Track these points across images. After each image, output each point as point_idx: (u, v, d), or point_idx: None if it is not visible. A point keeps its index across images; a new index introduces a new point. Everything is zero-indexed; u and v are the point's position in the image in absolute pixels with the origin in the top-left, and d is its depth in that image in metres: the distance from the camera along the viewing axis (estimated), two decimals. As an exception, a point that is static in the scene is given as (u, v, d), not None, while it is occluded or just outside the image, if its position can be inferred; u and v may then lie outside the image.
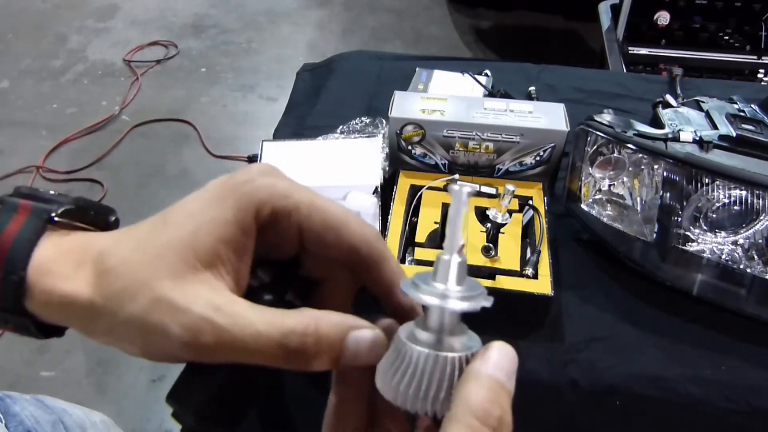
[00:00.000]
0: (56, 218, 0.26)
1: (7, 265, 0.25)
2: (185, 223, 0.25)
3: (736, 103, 0.83)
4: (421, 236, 0.76)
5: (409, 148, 0.85)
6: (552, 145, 0.82)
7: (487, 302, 0.25)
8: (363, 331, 0.25)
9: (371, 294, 0.29)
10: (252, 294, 0.27)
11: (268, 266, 0.28)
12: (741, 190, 0.69)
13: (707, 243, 0.73)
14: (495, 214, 0.75)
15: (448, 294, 0.24)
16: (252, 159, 2.08)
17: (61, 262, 0.25)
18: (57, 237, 0.26)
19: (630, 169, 0.78)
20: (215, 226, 0.25)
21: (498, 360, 0.23)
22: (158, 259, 0.24)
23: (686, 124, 0.78)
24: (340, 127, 0.99)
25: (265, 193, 0.26)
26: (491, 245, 0.73)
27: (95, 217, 0.29)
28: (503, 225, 0.75)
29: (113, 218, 0.30)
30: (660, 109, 0.86)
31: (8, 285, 0.25)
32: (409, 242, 0.77)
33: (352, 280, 0.29)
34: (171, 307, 0.24)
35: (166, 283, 0.24)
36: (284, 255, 0.28)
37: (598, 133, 0.77)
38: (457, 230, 0.25)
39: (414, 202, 0.80)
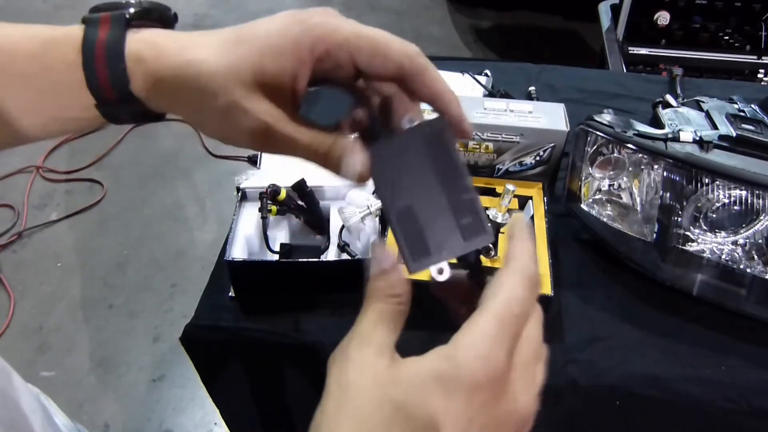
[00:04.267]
0: (131, 20, 0.33)
1: (109, 62, 0.32)
2: (255, 46, 0.32)
3: (736, 103, 0.83)
4: (421, 236, 0.76)
5: (409, 148, 0.84)
6: (552, 145, 0.82)
7: None
8: (349, 158, 0.33)
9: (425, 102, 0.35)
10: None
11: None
12: (741, 190, 0.69)
13: (707, 243, 0.73)
14: (495, 214, 0.75)
15: None
16: (252, 159, 2.08)
17: (151, 51, 0.32)
18: (139, 34, 0.33)
19: (630, 169, 0.78)
20: (278, 56, 0.31)
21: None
22: (234, 71, 0.31)
23: (686, 124, 0.78)
24: (340, 127, 0.99)
25: (318, 32, 0.31)
26: (491, 245, 0.73)
27: (160, 14, 0.35)
28: (503, 225, 0.75)
29: (172, 12, 0.36)
30: (660, 109, 0.86)
31: (116, 78, 0.32)
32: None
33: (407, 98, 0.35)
34: (244, 111, 0.31)
35: (240, 92, 0.31)
36: (344, 77, 0.34)
37: (598, 133, 0.77)
38: None
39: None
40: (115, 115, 0.34)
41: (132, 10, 0.33)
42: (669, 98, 0.93)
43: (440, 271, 0.32)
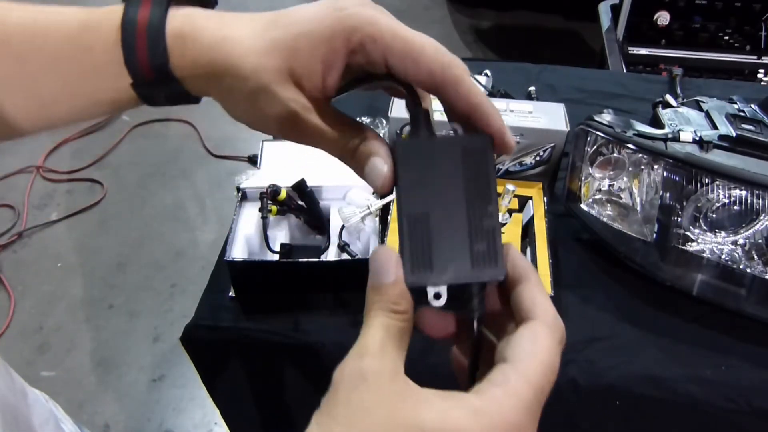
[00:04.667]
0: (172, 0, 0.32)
1: (150, 41, 0.31)
2: (290, 30, 0.31)
3: (736, 103, 0.83)
4: (421, 236, 0.76)
5: (409, 148, 0.85)
6: (552, 145, 0.82)
7: None
8: (377, 160, 0.31)
9: (456, 121, 0.33)
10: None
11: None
12: (741, 190, 0.69)
13: (707, 243, 0.73)
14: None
15: None
16: (252, 159, 2.08)
17: (190, 28, 0.31)
18: (179, 12, 0.32)
19: (630, 169, 0.78)
20: (311, 42, 0.30)
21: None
22: (267, 54, 0.30)
23: (686, 124, 0.78)
24: (340, 127, 0.99)
25: (355, 21, 0.30)
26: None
27: None
28: (503, 225, 0.76)
29: None
30: (660, 109, 0.86)
31: (155, 57, 0.31)
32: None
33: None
34: (273, 97, 0.31)
35: (271, 76, 0.30)
36: (374, 65, 0.32)
37: (598, 133, 0.77)
38: None
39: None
40: (152, 96, 0.34)
41: None
42: (669, 98, 0.94)
43: (437, 296, 0.29)
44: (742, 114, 0.79)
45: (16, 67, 0.32)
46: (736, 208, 0.70)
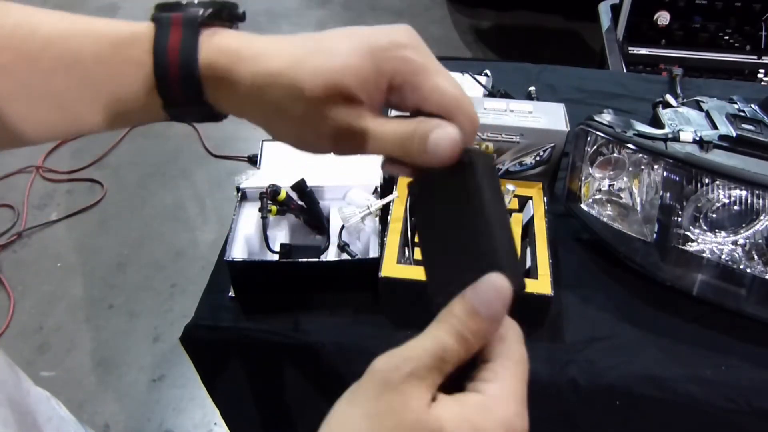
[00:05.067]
0: (203, 22, 0.32)
1: (182, 71, 0.31)
2: (335, 61, 0.31)
3: (736, 103, 0.83)
4: (421, 236, 0.76)
5: (409, 148, 0.84)
6: (552, 145, 0.82)
7: None
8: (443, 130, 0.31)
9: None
10: None
11: None
12: (741, 190, 0.69)
13: (707, 243, 0.73)
14: (495, 214, 0.75)
15: None
16: (252, 159, 2.08)
17: (225, 59, 0.32)
18: (212, 41, 0.32)
19: (630, 169, 0.78)
20: (357, 74, 0.31)
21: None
22: (311, 82, 0.30)
23: (686, 124, 0.78)
24: (340, 127, 0.98)
25: (401, 65, 0.31)
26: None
27: (230, 13, 0.35)
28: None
29: (242, 11, 0.36)
30: (660, 109, 0.86)
31: (188, 86, 0.32)
32: (409, 242, 0.77)
33: None
34: (323, 118, 0.31)
35: (316, 101, 0.31)
36: (406, 107, 0.34)
37: (598, 133, 0.77)
38: None
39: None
40: (181, 117, 0.34)
41: (202, 11, 0.32)
42: (669, 98, 0.93)
43: None
44: (742, 114, 0.79)
45: (44, 81, 0.32)
46: (736, 208, 0.70)
